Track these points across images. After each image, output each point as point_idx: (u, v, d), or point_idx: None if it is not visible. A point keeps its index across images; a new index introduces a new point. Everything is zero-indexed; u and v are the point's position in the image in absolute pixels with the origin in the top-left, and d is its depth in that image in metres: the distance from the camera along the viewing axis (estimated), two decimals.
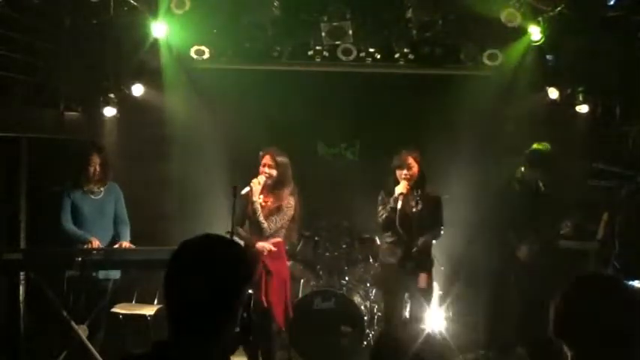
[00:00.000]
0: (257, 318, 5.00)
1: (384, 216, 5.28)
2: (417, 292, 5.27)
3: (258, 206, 5.04)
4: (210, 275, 1.81)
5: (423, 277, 5.26)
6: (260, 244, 5.02)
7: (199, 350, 1.79)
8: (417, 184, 5.28)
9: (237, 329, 1.88)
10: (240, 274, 1.87)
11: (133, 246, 5.35)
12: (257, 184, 5.04)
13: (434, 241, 5.43)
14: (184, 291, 1.82)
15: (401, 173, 5.23)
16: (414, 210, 5.24)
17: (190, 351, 1.78)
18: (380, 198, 5.36)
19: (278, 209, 5.10)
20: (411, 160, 5.24)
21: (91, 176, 5.35)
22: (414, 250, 5.20)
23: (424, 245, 5.26)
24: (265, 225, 5.04)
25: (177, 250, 1.88)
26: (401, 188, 5.18)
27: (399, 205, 5.16)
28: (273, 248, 5.05)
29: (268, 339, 5.14)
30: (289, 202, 5.14)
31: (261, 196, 5.12)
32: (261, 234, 5.07)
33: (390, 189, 5.25)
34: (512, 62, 6.28)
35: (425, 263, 5.31)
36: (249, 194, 5.04)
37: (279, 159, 5.11)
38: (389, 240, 5.35)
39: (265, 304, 4.97)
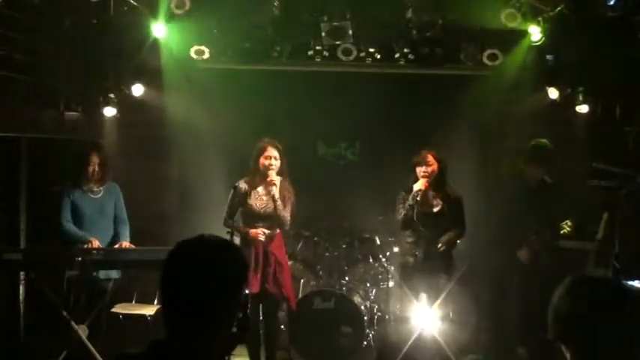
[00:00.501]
0: (270, 307, 5.15)
1: (402, 214, 5.26)
2: (435, 293, 5.23)
3: (280, 200, 5.07)
4: (206, 275, 1.81)
5: (444, 279, 5.24)
6: (254, 231, 5.07)
7: (195, 350, 1.79)
8: (437, 182, 5.27)
9: (235, 329, 1.88)
10: (236, 274, 1.88)
11: (133, 246, 5.36)
12: (277, 179, 5.07)
13: (457, 241, 5.39)
14: (180, 291, 1.82)
15: (420, 170, 5.24)
16: (434, 210, 5.23)
17: (186, 351, 1.78)
18: (400, 197, 5.34)
19: (289, 199, 5.16)
20: (430, 157, 5.26)
21: (90, 176, 5.36)
22: (440, 246, 5.18)
23: (447, 245, 5.23)
24: (286, 217, 5.10)
25: (172, 251, 1.88)
26: (419, 185, 5.18)
27: (417, 201, 5.14)
28: (267, 231, 5.08)
29: (278, 328, 5.32)
30: (291, 190, 5.19)
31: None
32: (279, 226, 5.13)
33: (410, 187, 5.25)
34: (513, 62, 6.28)
35: (445, 264, 5.28)
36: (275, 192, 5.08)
37: (281, 148, 5.15)
38: (409, 240, 5.34)
39: (285, 294, 5.09)
